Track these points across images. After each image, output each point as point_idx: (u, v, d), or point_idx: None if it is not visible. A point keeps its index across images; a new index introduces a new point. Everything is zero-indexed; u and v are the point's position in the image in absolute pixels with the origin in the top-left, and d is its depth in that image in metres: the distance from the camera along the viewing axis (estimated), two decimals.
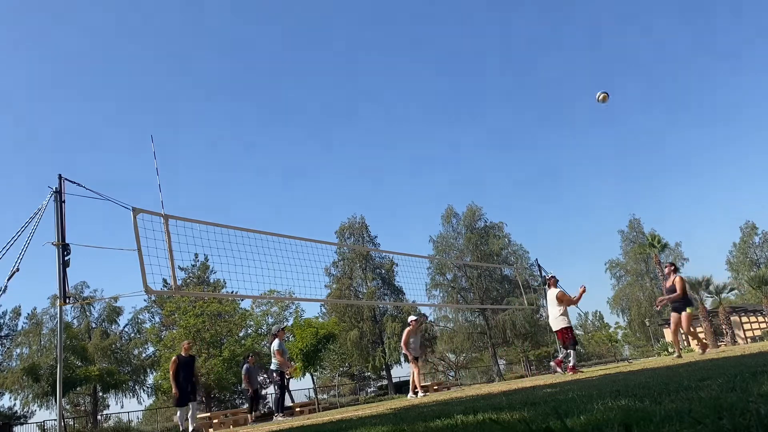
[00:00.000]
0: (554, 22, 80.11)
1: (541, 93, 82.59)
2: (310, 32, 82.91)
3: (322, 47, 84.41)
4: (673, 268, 10.98)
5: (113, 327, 41.37)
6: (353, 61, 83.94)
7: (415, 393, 12.16)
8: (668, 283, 10.98)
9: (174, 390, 10.31)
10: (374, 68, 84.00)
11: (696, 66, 78.08)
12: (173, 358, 10.67)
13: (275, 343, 12.00)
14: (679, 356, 10.35)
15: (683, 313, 10.42)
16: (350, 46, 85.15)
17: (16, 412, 37.07)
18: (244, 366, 14.61)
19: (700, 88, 78.65)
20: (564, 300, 10.54)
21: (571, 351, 10.33)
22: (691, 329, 10.61)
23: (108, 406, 42.24)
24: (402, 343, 12.29)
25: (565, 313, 10.51)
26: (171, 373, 10.39)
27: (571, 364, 10.24)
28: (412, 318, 12.66)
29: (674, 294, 10.51)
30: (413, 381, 12.43)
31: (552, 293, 10.65)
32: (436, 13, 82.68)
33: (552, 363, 11.13)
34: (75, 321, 38.77)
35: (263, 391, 36.58)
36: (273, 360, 11.96)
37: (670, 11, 77.92)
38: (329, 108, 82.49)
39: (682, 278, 10.64)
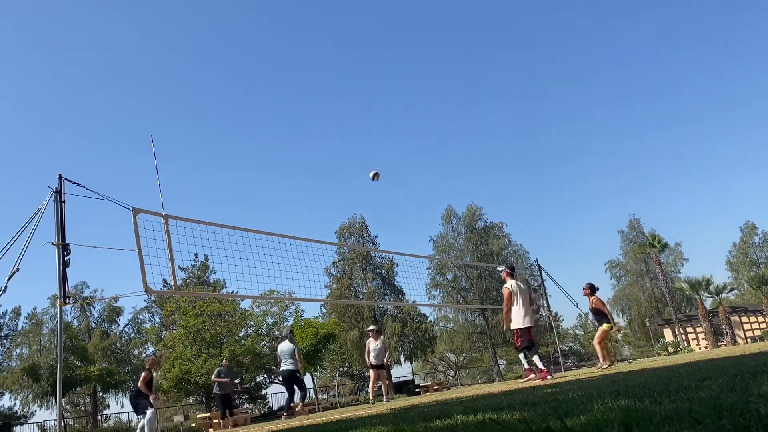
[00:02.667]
0: (551, 21, 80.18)
1: (541, 91, 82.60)
2: (317, 27, 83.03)
3: (326, 45, 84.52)
4: (588, 291, 12.08)
5: (113, 327, 41.46)
6: (356, 61, 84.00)
7: (387, 397, 12.59)
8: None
9: (151, 396, 10.91)
10: (375, 68, 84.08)
11: (694, 63, 78.09)
12: (145, 373, 11.13)
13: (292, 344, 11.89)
14: (610, 365, 11.38)
15: (600, 328, 11.77)
16: (352, 45, 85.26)
17: (16, 412, 37.14)
18: (217, 369, 14.74)
19: (698, 86, 78.64)
20: (504, 299, 9.14)
21: (521, 355, 9.24)
22: (601, 344, 11.82)
23: (108, 406, 42.36)
24: (366, 354, 12.54)
25: (518, 312, 9.08)
26: (144, 384, 10.84)
27: (526, 367, 9.23)
28: (370, 328, 13.11)
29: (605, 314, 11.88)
30: (374, 387, 12.73)
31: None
32: (443, 7, 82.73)
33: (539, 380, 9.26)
34: (75, 321, 38.84)
35: (263, 391, 36.63)
36: (290, 360, 11.65)
37: (668, 2, 77.92)
38: (331, 108, 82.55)
39: (597, 298, 11.97)
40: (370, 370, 12.54)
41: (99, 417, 36.14)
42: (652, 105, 79.30)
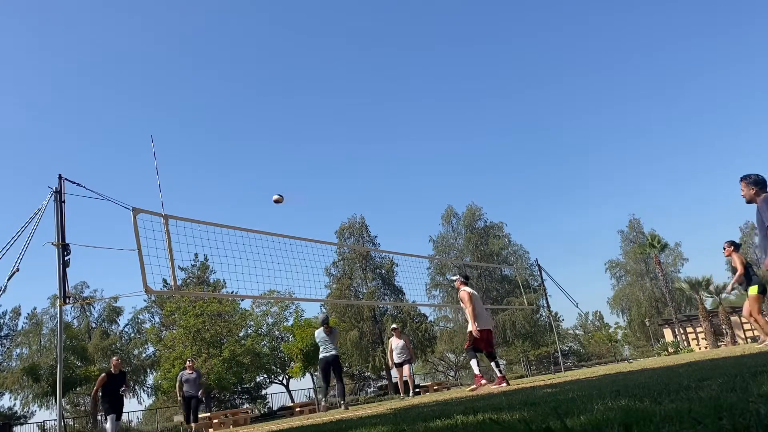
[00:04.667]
0: (550, 22, 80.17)
1: (542, 91, 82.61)
2: (317, 27, 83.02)
3: (326, 44, 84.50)
4: (731, 248, 9.51)
5: (113, 327, 41.43)
6: (356, 61, 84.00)
7: (409, 393, 12.75)
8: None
9: (92, 407, 10.55)
10: (375, 68, 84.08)
11: (695, 64, 78.10)
12: (102, 374, 10.82)
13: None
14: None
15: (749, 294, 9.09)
16: (353, 44, 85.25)
17: (16, 412, 37.12)
18: (180, 373, 13.53)
19: (699, 86, 78.64)
20: (464, 301, 8.79)
21: (472, 362, 8.89)
22: (758, 312, 8.98)
23: None
24: (389, 353, 13.21)
25: (472, 315, 8.73)
26: (95, 387, 10.66)
27: (476, 372, 8.85)
28: (393, 326, 13.62)
29: (737, 274, 9.29)
30: (402, 384, 13.19)
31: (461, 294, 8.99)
32: (443, 5, 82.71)
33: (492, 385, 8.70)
34: (75, 321, 38.81)
35: (263, 391, 36.57)
36: (332, 346, 10.90)
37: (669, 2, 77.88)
38: (331, 108, 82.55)
39: (739, 255, 9.34)
40: (394, 368, 13.09)
41: (99, 417, 36.11)
42: (653, 105, 79.41)
